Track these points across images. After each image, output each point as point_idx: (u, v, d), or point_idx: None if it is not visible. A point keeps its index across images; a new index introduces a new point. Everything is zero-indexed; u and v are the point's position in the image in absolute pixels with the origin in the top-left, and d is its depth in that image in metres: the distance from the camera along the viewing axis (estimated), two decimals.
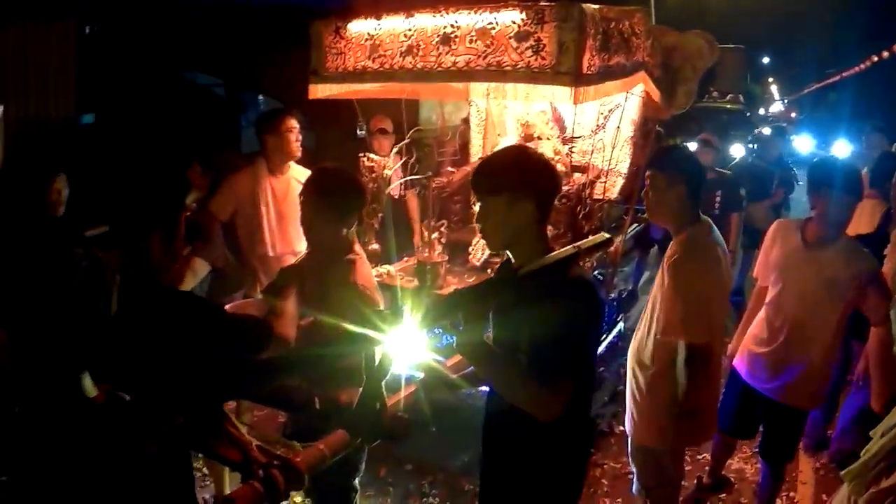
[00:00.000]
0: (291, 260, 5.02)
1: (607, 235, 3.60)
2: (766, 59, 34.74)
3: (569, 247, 3.20)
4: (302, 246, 4.31)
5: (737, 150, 13.78)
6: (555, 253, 3.16)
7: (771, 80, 34.79)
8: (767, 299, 5.18)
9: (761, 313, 5.25)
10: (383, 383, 2.21)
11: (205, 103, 14.18)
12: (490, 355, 3.11)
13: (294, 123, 6.20)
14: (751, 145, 16.93)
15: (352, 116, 6.63)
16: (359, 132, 7.57)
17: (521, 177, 3.21)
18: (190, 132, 10.93)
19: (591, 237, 3.54)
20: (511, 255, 3.35)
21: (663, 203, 4.42)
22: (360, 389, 2.16)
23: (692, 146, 11.49)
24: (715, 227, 4.52)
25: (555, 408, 2.99)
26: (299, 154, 6.24)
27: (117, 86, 12.38)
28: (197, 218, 5.05)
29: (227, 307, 3.98)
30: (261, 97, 15.27)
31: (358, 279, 3.91)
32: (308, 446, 2.90)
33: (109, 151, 10.43)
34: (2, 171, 5.00)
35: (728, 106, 20.93)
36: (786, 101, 31.94)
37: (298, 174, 6.03)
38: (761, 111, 26.32)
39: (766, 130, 17.06)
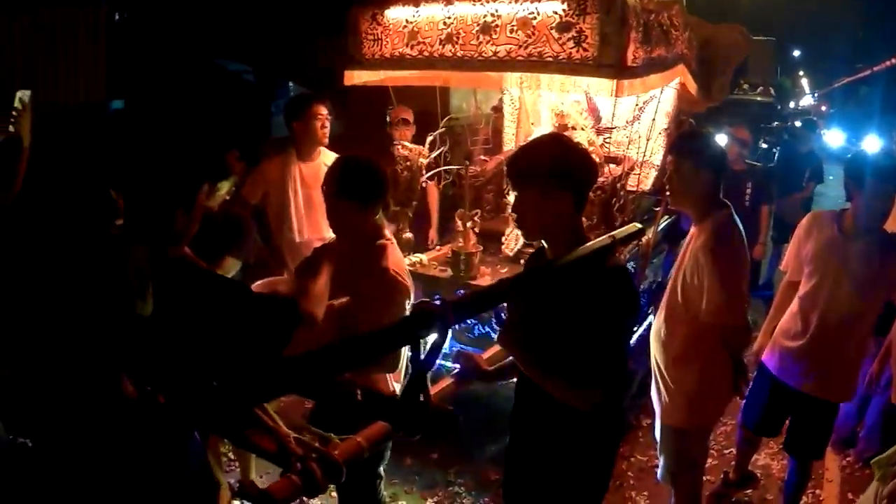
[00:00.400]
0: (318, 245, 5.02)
1: (639, 226, 3.57)
2: (796, 53, 34.52)
3: (604, 237, 3.18)
4: (330, 232, 4.31)
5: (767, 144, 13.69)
6: (591, 243, 3.14)
7: (801, 73, 34.57)
8: (801, 292, 5.12)
9: (793, 306, 5.19)
10: (428, 375, 2.18)
11: (235, 90, 14.20)
12: (529, 345, 3.15)
13: (322, 110, 6.17)
14: (786, 137, 16.81)
15: (381, 104, 6.60)
16: (389, 119, 7.57)
17: (558, 167, 3.18)
18: (219, 118, 10.96)
19: (623, 228, 3.51)
20: (546, 245, 3.33)
21: (689, 188, 4.36)
22: (405, 381, 2.13)
23: (722, 138, 11.43)
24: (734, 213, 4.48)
25: (594, 398, 3.05)
26: (326, 141, 6.24)
27: (147, 72, 12.40)
28: (232, 217, 5.04)
29: (255, 284, 4.03)
30: (291, 84, 15.25)
31: (389, 264, 3.89)
32: (346, 438, 2.88)
33: (138, 137, 10.47)
34: (30, 156, 4.97)
35: (759, 98, 20.81)
36: (816, 94, 31.69)
37: (329, 160, 6.00)
38: (791, 104, 26.14)
39: (797, 124, 16.96)
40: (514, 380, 3.66)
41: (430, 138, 6.25)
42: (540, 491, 3.51)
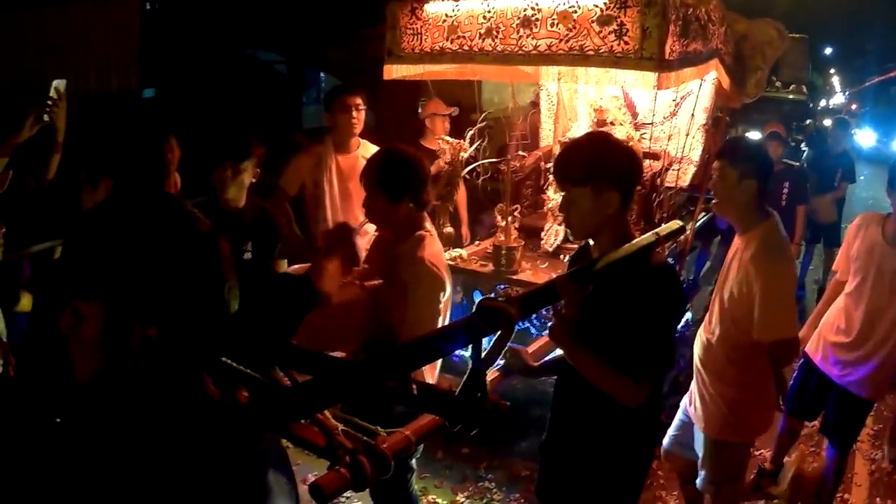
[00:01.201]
0: None
1: (681, 223, 3.56)
2: (828, 50, 34.27)
3: (649, 234, 3.17)
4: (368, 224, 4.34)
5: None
6: (636, 241, 3.13)
7: (833, 71, 34.28)
8: (847, 290, 5.17)
9: (839, 303, 5.23)
10: (487, 371, 2.17)
11: (266, 80, 14.24)
12: (580, 341, 3.16)
13: (356, 101, 6.23)
14: (815, 136, 16.69)
15: (412, 96, 6.60)
16: (420, 111, 7.56)
17: (606, 167, 3.20)
18: (250, 108, 10.99)
19: (666, 225, 3.49)
20: (593, 242, 3.36)
21: (733, 197, 4.31)
22: (464, 377, 2.12)
23: (755, 135, 11.34)
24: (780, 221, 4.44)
25: (641, 395, 3.08)
26: (358, 131, 6.30)
27: (178, 61, 12.45)
28: (261, 221, 5.09)
29: (293, 268, 4.10)
30: (322, 75, 15.28)
31: (426, 255, 3.91)
32: (393, 431, 2.87)
33: (170, 125, 10.49)
34: (65, 145, 5.05)
35: (791, 96, 20.66)
36: (847, 93, 31.39)
37: (369, 153, 6.02)
38: (822, 103, 25.93)
39: (828, 123, 16.84)
40: (545, 378, 3.67)
41: (469, 132, 6.23)
42: (576, 488, 3.52)
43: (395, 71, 5.68)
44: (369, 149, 5.91)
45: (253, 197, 5.18)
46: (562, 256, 6.09)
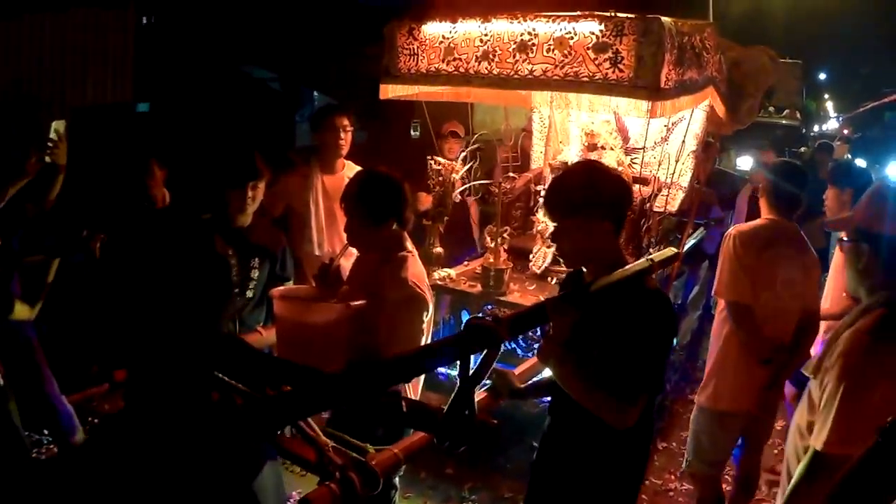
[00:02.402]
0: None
1: (675, 250, 3.60)
2: (822, 76, 34.38)
3: (643, 260, 3.21)
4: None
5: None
6: (629, 266, 3.16)
7: (827, 96, 34.34)
8: None
9: None
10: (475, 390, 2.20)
11: (260, 97, 14.25)
12: (571, 363, 3.16)
13: (343, 122, 6.21)
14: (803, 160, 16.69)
15: (405, 117, 6.64)
16: (412, 133, 7.57)
17: (597, 199, 3.21)
18: (243, 125, 11.00)
19: (661, 250, 3.53)
20: (586, 270, 3.37)
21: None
22: (452, 394, 2.15)
23: (747, 160, 11.38)
24: None
25: (631, 418, 3.06)
26: (344, 152, 6.28)
27: (173, 75, 12.47)
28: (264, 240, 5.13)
29: (276, 290, 4.10)
30: (316, 93, 15.30)
31: (408, 276, 3.93)
32: (382, 449, 2.90)
33: (164, 139, 10.54)
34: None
35: (784, 121, 20.67)
36: (840, 118, 31.42)
37: (353, 173, 6.03)
38: (816, 128, 25.95)
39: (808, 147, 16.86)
40: (536, 399, 3.69)
41: (462, 154, 6.26)
42: None
43: (390, 90, 5.71)
44: (354, 169, 5.88)
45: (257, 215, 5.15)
46: (550, 279, 6.10)
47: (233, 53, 13.52)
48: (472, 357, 2.24)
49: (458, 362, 2.22)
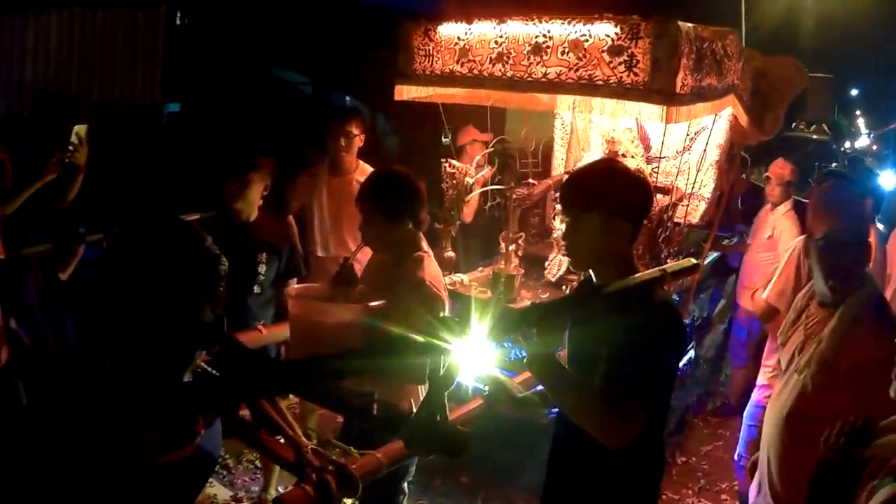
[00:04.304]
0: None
1: (694, 261, 3.45)
2: (854, 91, 34.04)
3: (655, 269, 3.07)
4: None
5: None
6: (640, 274, 3.01)
7: (858, 112, 33.93)
8: None
9: None
10: (446, 394, 2.11)
11: (291, 101, 14.29)
12: (560, 373, 2.96)
13: (347, 127, 6.35)
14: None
15: (436, 123, 6.61)
16: (443, 139, 7.54)
17: (618, 194, 3.07)
18: (274, 128, 11.04)
19: (678, 261, 3.40)
20: (594, 275, 3.19)
21: None
22: (422, 399, 2.08)
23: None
24: None
25: (624, 434, 2.84)
26: (349, 157, 6.41)
27: (205, 77, 12.52)
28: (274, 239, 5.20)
29: (291, 288, 4.31)
30: (348, 98, 15.33)
31: (425, 276, 3.88)
32: (365, 453, 2.84)
33: (194, 140, 10.61)
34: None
35: (814, 136, 20.46)
36: (872, 135, 31.03)
37: (364, 175, 6.08)
38: (847, 144, 25.64)
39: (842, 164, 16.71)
40: (547, 409, 3.58)
41: (476, 158, 6.21)
42: None
43: (405, 92, 5.69)
44: (366, 171, 5.95)
45: (263, 211, 5.27)
46: (564, 287, 6.01)
47: (265, 56, 13.56)
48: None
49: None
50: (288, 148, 7.22)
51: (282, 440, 2.89)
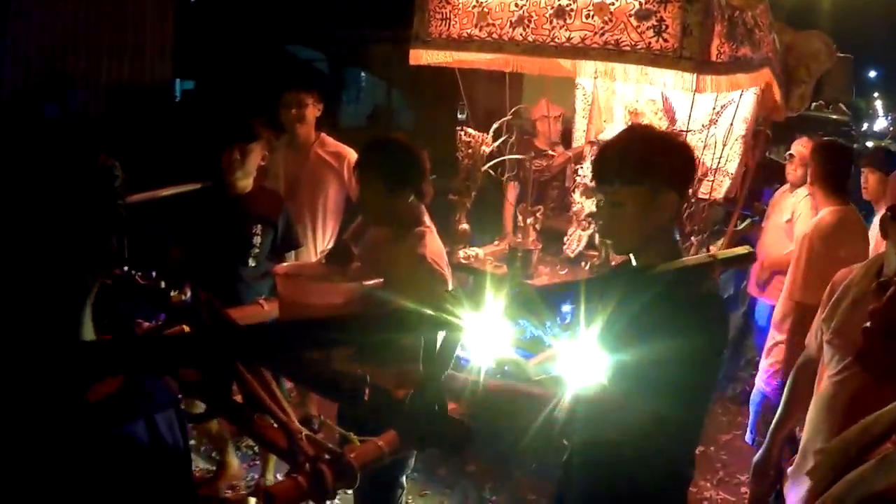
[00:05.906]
0: None
1: (750, 249, 3.14)
2: (872, 73, 33.92)
3: (704, 254, 2.75)
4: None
5: None
6: (689, 258, 2.71)
7: (876, 94, 33.63)
8: None
9: None
10: (443, 379, 1.86)
11: (305, 77, 14.18)
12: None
13: (294, 98, 6.18)
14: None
15: (452, 99, 6.45)
16: (459, 115, 7.38)
17: (665, 163, 2.69)
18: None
19: (732, 249, 3.11)
20: (636, 259, 2.84)
21: None
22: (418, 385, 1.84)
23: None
24: None
25: (647, 432, 2.53)
26: (299, 130, 6.20)
27: (219, 54, 12.45)
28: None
29: (280, 266, 4.10)
30: (363, 74, 15.24)
31: (426, 252, 3.67)
32: (366, 440, 2.59)
33: (206, 116, 10.47)
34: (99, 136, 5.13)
35: (834, 116, 20.27)
36: (890, 117, 30.70)
37: (325, 148, 6.12)
38: (865, 125, 25.39)
39: (870, 145, 16.54)
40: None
41: (494, 125, 5.98)
42: None
43: (421, 57, 5.52)
44: (329, 146, 5.99)
45: (259, 181, 5.19)
46: (584, 263, 5.83)
47: (279, 33, 13.46)
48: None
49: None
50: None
51: (275, 425, 2.66)
